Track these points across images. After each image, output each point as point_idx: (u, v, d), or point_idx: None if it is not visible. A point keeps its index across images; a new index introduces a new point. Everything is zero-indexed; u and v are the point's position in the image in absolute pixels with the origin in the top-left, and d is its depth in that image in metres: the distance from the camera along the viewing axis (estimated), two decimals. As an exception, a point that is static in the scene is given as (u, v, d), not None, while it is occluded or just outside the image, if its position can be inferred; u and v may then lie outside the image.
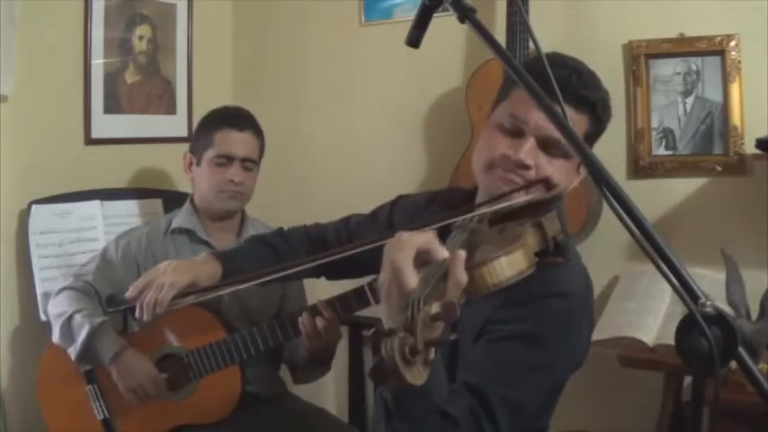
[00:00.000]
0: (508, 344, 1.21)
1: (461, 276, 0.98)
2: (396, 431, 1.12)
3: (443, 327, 0.94)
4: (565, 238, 1.25)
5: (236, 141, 2.16)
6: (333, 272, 1.72)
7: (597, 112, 1.32)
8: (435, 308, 0.92)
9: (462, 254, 1.01)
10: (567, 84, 1.26)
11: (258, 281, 1.49)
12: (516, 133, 1.30)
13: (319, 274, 1.72)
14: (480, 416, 1.14)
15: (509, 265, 1.07)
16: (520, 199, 1.26)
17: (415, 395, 1.06)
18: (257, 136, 2.23)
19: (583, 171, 1.36)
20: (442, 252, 1.02)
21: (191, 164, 2.22)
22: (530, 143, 1.28)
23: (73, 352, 1.98)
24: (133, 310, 1.63)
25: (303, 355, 2.07)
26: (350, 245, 1.39)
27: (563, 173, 1.31)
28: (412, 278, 0.99)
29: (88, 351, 1.97)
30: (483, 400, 1.15)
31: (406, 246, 1.01)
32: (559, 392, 1.34)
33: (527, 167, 1.28)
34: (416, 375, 0.91)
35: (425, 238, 1.03)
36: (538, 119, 1.27)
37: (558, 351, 1.23)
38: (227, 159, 2.15)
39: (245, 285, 1.54)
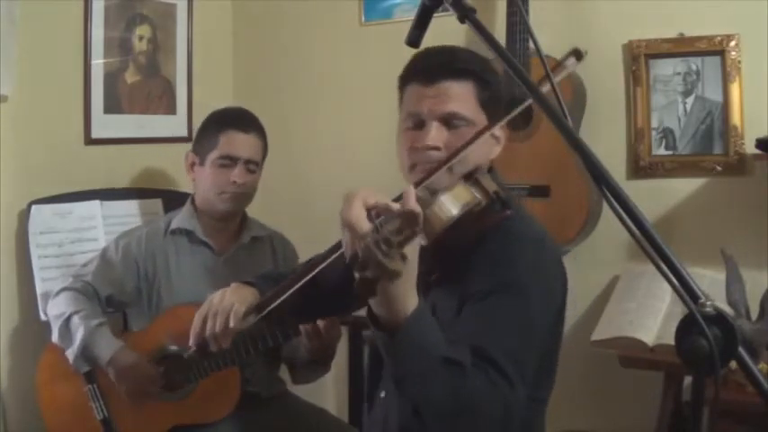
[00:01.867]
0: (487, 302, 1.25)
1: (415, 207, 1.03)
2: (410, 397, 1.15)
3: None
4: (506, 193, 1.32)
5: (241, 143, 2.15)
6: (304, 313, 1.67)
7: (481, 76, 1.39)
8: (397, 224, 1.00)
9: (412, 188, 1.09)
10: (444, 63, 1.38)
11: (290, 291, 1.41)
12: (420, 126, 1.39)
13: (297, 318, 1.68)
14: (486, 369, 1.16)
15: (454, 199, 1.18)
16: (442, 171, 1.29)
17: (410, 340, 1.09)
18: (261, 138, 2.22)
19: (498, 132, 1.41)
20: (392, 203, 1.07)
21: (193, 164, 2.21)
22: (433, 127, 1.36)
23: (71, 354, 1.99)
24: (202, 351, 1.48)
25: (303, 355, 2.07)
26: (313, 262, 1.39)
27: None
28: (365, 223, 1.04)
29: (85, 353, 1.98)
30: (484, 356, 1.17)
31: (351, 200, 1.06)
32: (555, 351, 1.41)
33: (437, 149, 1.35)
34: (397, 263, 0.98)
35: (370, 190, 1.08)
36: (429, 104, 1.37)
37: (535, 293, 1.27)
38: (230, 160, 2.14)
39: (286, 295, 1.43)
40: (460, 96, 1.37)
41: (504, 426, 1.19)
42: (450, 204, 1.17)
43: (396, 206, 1.06)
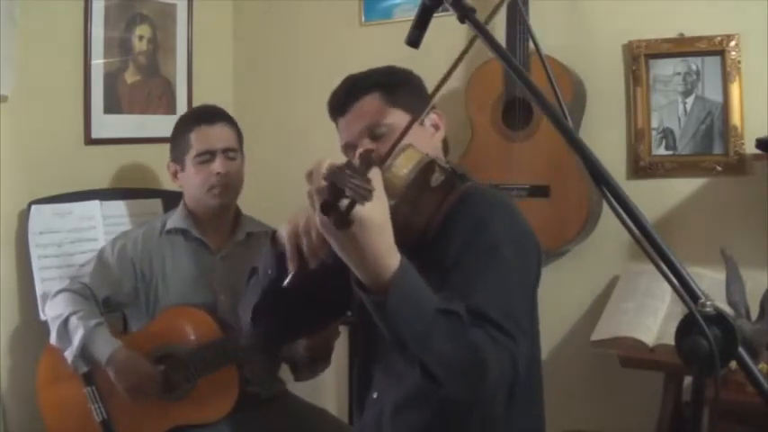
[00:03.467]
0: (469, 266, 1.28)
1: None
2: (415, 357, 1.14)
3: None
4: (462, 170, 1.40)
5: (212, 135, 2.15)
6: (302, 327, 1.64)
7: (382, 82, 1.51)
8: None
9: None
10: (345, 91, 1.52)
11: None
12: (355, 151, 1.47)
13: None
14: (482, 325, 1.17)
15: (406, 160, 1.25)
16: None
17: (403, 295, 1.10)
18: (230, 126, 2.21)
19: (428, 121, 1.52)
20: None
21: (175, 172, 2.21)
22: (363, 146, 1.46)
23: (69, 354, 1.99)
24: (301, 273, 1.30)
25: (302, 354, 2.07)
26: None
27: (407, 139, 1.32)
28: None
29: (84, 353, 1.98)
30: (478, 314, 1.18)
31: (314, 174, 1.09)
32: (535, 308, 1.40)
33: None
34: (365, 183, 1.00)
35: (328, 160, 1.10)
36: (350, 129, 1.49)
37: (511, 248, 1.31)
38: (208, 155, 2.13)
39: None
40: (371, 108, 1.48)
41: (513, 380, 1.20)
42: (403, 164, 1.24)
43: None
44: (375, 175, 1.06)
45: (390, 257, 1.10)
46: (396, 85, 1.51)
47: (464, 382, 1.17)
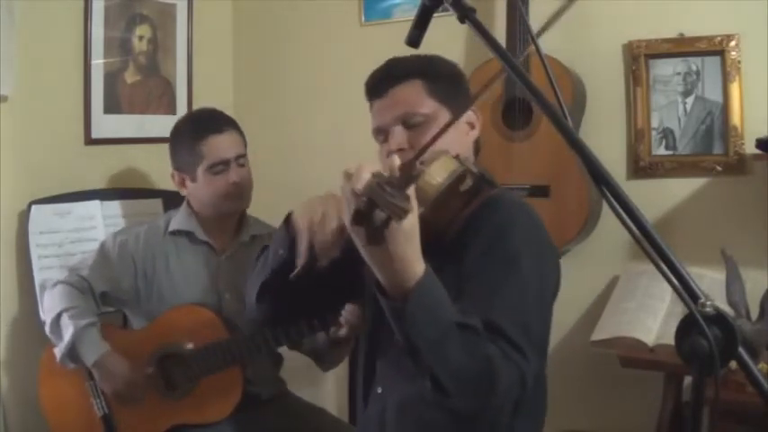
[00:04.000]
0: (487, 275, 1.27)
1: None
2: (427, 366, 1.14)
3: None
4: (490, 174, 1.38)
5: (224, 144, 2.10)
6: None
7: (426, 72, 1.45)
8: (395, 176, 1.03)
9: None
10: (386, 73, 1.47)
11: None
12: (387, 137, 1.46)
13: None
14: (496, 340, 1.18)
15: (440, 168, 1.23)
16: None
17: (424, 304, 1.10)
18: (237, 131, 2.17)
19: (464, 118, 1.45)
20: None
21: (183, 181, 2.16)
22: (394, 132, 1.44)
23: (58, 352, 2.00)
24: (308, 269, 1.33)
25: (323, 340, 2.08)
26: None
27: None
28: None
29: (72, 353, 1.99)
30: (492, 328, 1.18)
31: (353, 178, 1.06)
32: (550, 314, 1.39)
33: (402, 150, 1.40)
34: (403, 202, 0.99)
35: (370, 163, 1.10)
36: (385, 114, 1.45)
37: (531, 260, 1.30)
38: (222, 165, 2.09)
39: None
40: (410, 96, 1.44)
41: (520, 395, 1.21)
42: (438, 173, 1.22)
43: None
44: (413, 191, 1.06)
45: (416, 265, 1.10)
46: (438, 76, 1.47)
47: (474, 394, 1.17)
